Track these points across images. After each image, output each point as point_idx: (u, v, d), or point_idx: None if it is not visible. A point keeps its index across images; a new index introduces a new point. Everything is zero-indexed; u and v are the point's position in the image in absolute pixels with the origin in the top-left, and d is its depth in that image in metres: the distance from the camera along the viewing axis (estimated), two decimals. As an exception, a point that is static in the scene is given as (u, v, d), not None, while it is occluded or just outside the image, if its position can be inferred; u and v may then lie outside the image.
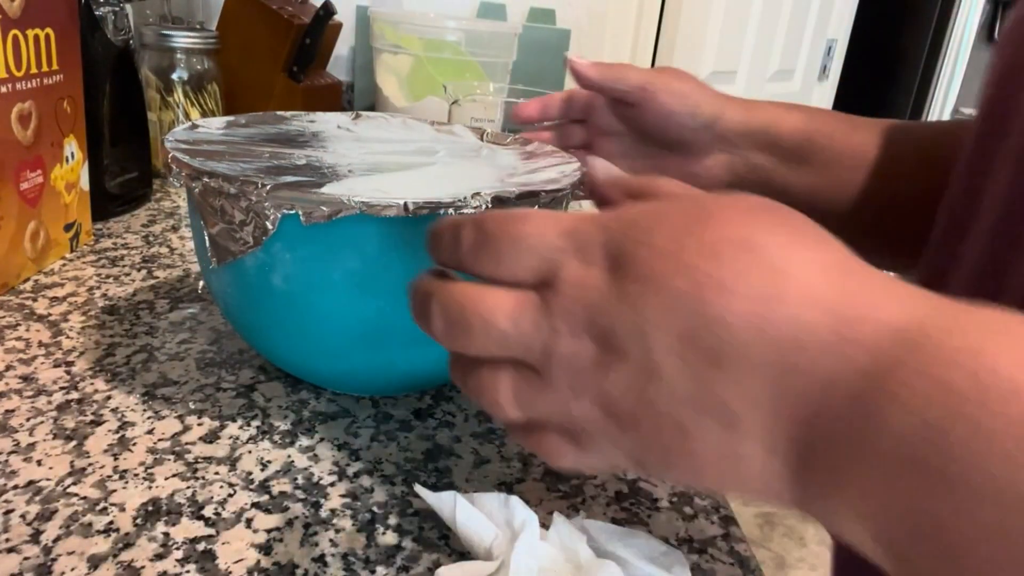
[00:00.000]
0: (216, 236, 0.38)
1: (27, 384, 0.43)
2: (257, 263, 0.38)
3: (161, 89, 0.86)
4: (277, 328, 0.41)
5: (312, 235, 0.36)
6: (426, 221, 0.34)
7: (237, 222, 0.36)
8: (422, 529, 0.35)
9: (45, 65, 0.56)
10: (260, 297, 0.40)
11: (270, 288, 0.39)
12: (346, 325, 0.39)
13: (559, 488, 0.39)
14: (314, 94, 1.00)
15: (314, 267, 0.37)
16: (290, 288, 0.38)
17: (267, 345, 0.44)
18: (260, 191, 0.35)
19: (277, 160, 0.41)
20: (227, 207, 0.36)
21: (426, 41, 0.95)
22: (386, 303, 0.38)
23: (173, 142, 0.42)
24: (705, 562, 0.35)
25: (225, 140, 0.44)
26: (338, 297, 0.38)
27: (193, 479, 0.37)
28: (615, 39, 1.28)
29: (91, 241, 0.67)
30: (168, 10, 0.93)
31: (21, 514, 0.33)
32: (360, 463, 0.39)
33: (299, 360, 0.43)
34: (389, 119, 0.56)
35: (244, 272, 0.39)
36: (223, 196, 0.36)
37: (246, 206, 0.35)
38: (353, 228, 0.36)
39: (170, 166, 0.38)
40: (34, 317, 0.51)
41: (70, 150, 0.62)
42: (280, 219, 0.35)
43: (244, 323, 0.44)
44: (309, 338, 0.41)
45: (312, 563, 0.32)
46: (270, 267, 0.38)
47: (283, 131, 0.49)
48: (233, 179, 0.35)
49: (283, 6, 0.95)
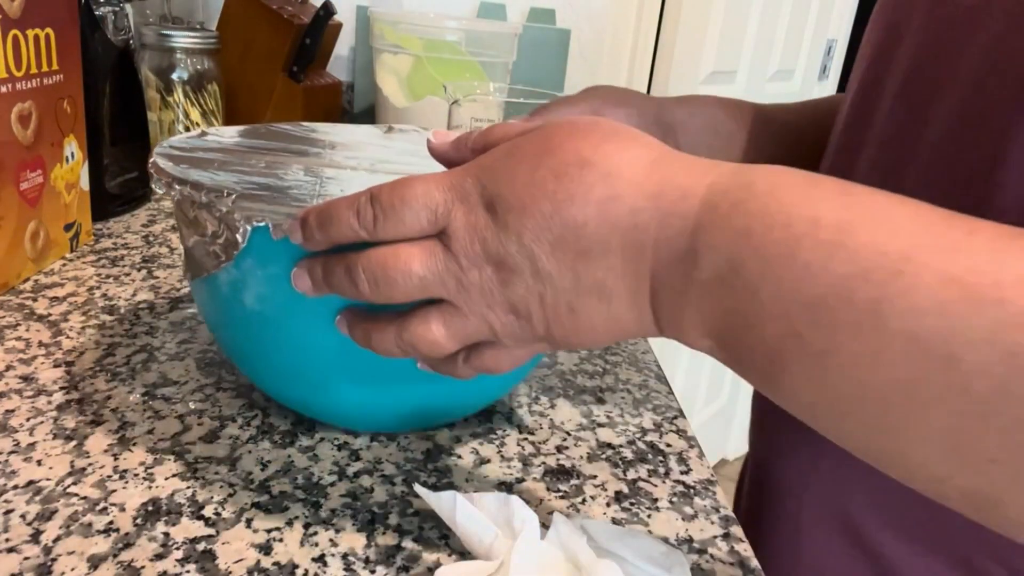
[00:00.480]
0: (191, 249, 0.36)
1: (27, 384, 0.43)
2: (230, 280, 0.35)
3: (161, 89, 0.86)
4: (253, 353, 0.39)
5: (284, 251, 0.32)
6: None
7: (210, 234, 0.34)
8: (422, 529, 0.35)
9: (45, 65, 0.56)
10: (234, 318, 0.37)
11: (243, 308, 0.36)
12: (326, 354, 0.36)
13: (559, 488, 0.39)
14: (314, 94, 1.00)
15: (286, 287, 0.33)
16: (263, 309, 0.35)
17: (247, 369, 0.41)
18: (227, 200, 0.32)
19: (270, 172, 0.38)
20: (200, 218, 0.34)
21: (426, 41, 0.95)
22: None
23: (165, 148, 0.40)
24: (705, 562, 0.35)
25: (225, 149, 0.42)
26: (315, 322, 0.34)
27: (193, 479, 0.37)
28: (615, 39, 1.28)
29: (91, 241, 0.67)
30: (168, 10, 0.93)
31: (21, 514, 0.33)
32: (360, 463, 0.39)
33: (278, 388, 0.40)
34: (422, 133, 0.53)
35: (218, 289, 0.36)
36: (196, 206, 0.34)
37: (218, 217, 0.33)
38: None
39: (150, 172, 0.37)
40: (34, 317, 0.51)
41: (70, 150, 0.62)
42: (250, 232, 0.32)
43: (223, 343, 0.41)
44: (286, 366, 0.38)
45: (312, 563, 0.32)
46: (242, 285, 0.35)
47: (293, 142, 0.46)
48: (202, 187, 0.33)
49: (283, 6, 0.95)
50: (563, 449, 0.43)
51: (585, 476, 0.41)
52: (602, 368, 0.53)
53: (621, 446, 0.44)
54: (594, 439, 0.44)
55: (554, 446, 0.43)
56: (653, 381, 0.52)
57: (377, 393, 0.38)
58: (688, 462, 0.43)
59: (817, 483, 0.44)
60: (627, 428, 0.46)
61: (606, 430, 0.45)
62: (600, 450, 0.43)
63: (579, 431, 0.45)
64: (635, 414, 0.47)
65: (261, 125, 0.49)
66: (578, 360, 0.54)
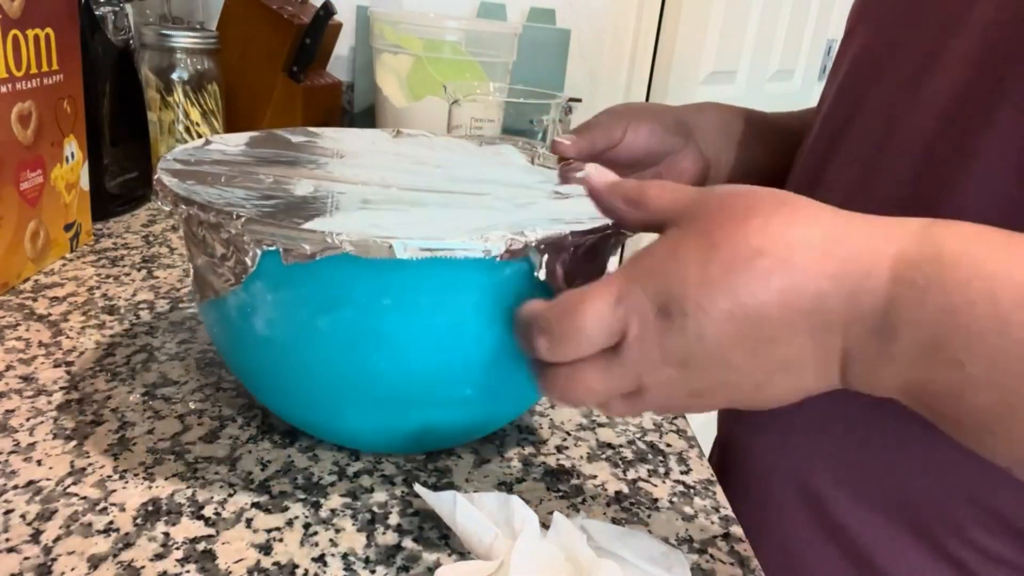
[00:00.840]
0: (199, 269, 0.35)
1: (27, 384, 0.43)
2: (239, 303, 0.34)
3: (161, 89, 0.86)
4: (262, 376, 0.38)
5: (295, 276, 0.31)
6: (424, 265, 0.31)
7: (219, 256, 0.33)
8: (422, 529, 0.35)
9: (45, 65, 0.56)
10: (242, 341, 0.36)
11: (252, 333, 0.34)
12: (336, 380, 0.35)
13: (559, 488, 0.39)
14: (314, 94, 1.00)
15: (297, 312, 0.33)
16: (273, 334, 0.34)
17: (256, 391, 0.40)
18: (236, 223, 0.31)
19: (279, 187, 0.36)
20: (209, 238, 0.33)
21: (426, 41, 0.95)
22: (381, 358, 0.33)
23: (169, 162, 0.38)
24: (705, 562, 0.35)
25: (231, 161, 0.40)
26: (326, 348, 0.33)
27: (193, 479, 0.37)
28: (615, 39, 1.28)
29: (91, 241, 0.67)
30: (168, 10, 0.93)
31: (21, 514, 0.33)
32: (360, 463, 0.39)
33: (288, 410, 0.39)
34: (432, 137, 0.52)
35: (226, 312, 0.35)
36: (204, 226, 0.33)
37: (226, 239, 0.32)
38: (341, 270, 0.31)
39: (155, 189, 0.35)
40: (34, 317, 0.51)
41: (70, 150, 0.62)
42: (260, 256, 0.31)
43: (231, 364, 0.40)
44: (295, 391, 0.37)
45: (312, 563, 0.32)
46: (251, 309, 0.34)
47: (301, 151, 0.44)
48: (210, 209, 0.32)
49: (283, 6, 0.95)
50: (563, 449, 0.43)
51: (585, 476, 0.41)
52: (602, 368, 0.53)
53: (621, 446, 0.44)
54: (594, 439, 0.44)
55: (554, 446, 0.43)
56: (653, 381, 0.52)
57: (387, 417, 0.37)
58: (688, 462, 0.43)
59: (784, 459, 0.46)
60: (627, 428, 0.46)
61: (606, 430, 0.45)
62: (600, 450, 0.43)
63: (579, 431, 0.45)
64: (635, 414, 0.47)
65: (266, 132, 0.48)
66: (578, 360, 0.54)
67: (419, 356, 0.34)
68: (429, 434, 0.38)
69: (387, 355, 0.34)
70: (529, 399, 0.42)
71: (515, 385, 0.37)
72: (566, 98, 1.07)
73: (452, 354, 0.34)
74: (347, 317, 0.33)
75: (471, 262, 0.31)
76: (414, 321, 0.33)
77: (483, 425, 0.40)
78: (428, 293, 0.33)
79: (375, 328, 0.33)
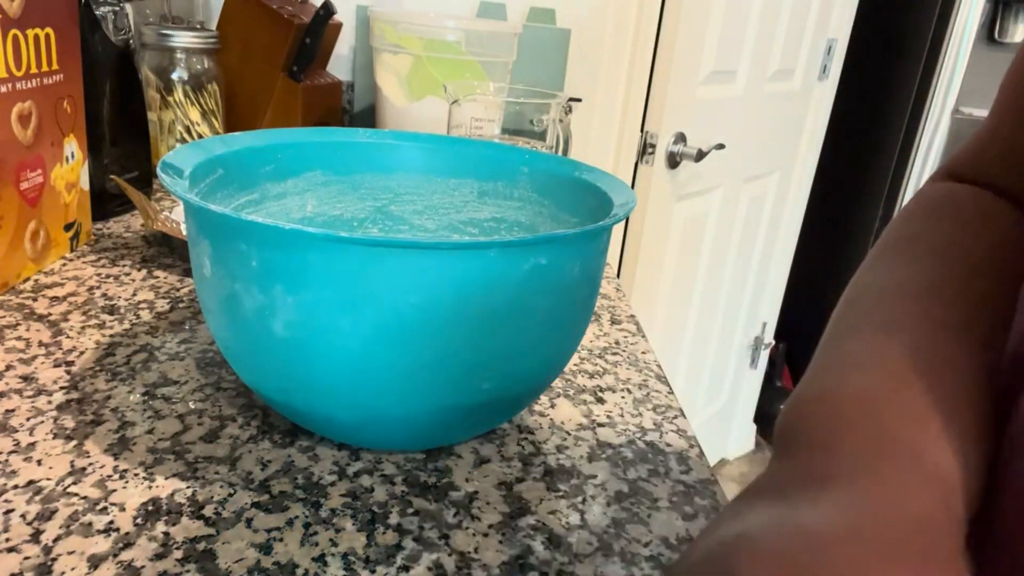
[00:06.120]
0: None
1: (27, 384, 0.43)
2: (256, 306, 0.34)
3: (161, 89, 0.86)
4: (278, 377, 0.37)
5: (314, 277, 0.32)
6: (395, 250, 0.31)
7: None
8: (422, 529, 0.35)
9: (45, 65, 0.56)
10: (260, 346, 0.36)
11: (270, 335, 0.35)
12: (354, 376, 0.35)
13: (559, 488, 0.39)
14: (314, 94, 1.00)
15: (316, 312, 0.33)
16: (291, 336, 0.34)
17: (271, 398, 0.39)
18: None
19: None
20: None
21: (426, 41, 0.95)
22: (370, 335, 0.34)
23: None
24: (705, 562, 0.35)
25: None
26: (324, 330, 0.34)
27: (193, 479, 0.37)
28: (615, 39, 1.27)
29: (91, 241, 0.67)
30: (168, 10, 0.93)
31: (21, 514, 0.33)
32: (360, 463, 0.39)
33: (303, 413, 0.39)
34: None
35: (242, 316, 0.35)
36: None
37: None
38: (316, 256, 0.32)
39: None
40: (34, 317, 0.51)
41: (70, 150, 0.62)
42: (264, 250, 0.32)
43: (242, 371, 0.39)
44: (317, 389, 0.36)
45: (312, 563, 0.32)
46: (270, 312, 0.34)
47: None
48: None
49: (283, 6, 0.95)
50: (563, 449, 0.43)
51: (585, 476, 0.41)
52: (602, 368, 0.53)
53: (621, 446, 0.44)
54: (594, 439, 0.44)
55: (554, 446, 0.43)
56: (653, 381, 0.52)
57: (417, 410, 0.36)
58: (688, 462, 0.43)
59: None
60: (627, 428, 0.46)
61: (606, 430, 0.45)
62: (600, 450, 0.43)
63: (579, 431, 0.45)
64: (635, 414, 0.47)
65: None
66: (578, 360, 0.54)
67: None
68: (445, 428, 0.38)
69: (375, 334, 0.33)
70: (539, 390, 0.41)
71: (528, 377, 0.38)
72: (566, 98, 1.07)
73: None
74: (335, 295, 0.33)
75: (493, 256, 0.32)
76: (384, 299, 0.33)
77: (490, 419, 0.40)
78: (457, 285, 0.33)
79: (360, 306, 0.33)
